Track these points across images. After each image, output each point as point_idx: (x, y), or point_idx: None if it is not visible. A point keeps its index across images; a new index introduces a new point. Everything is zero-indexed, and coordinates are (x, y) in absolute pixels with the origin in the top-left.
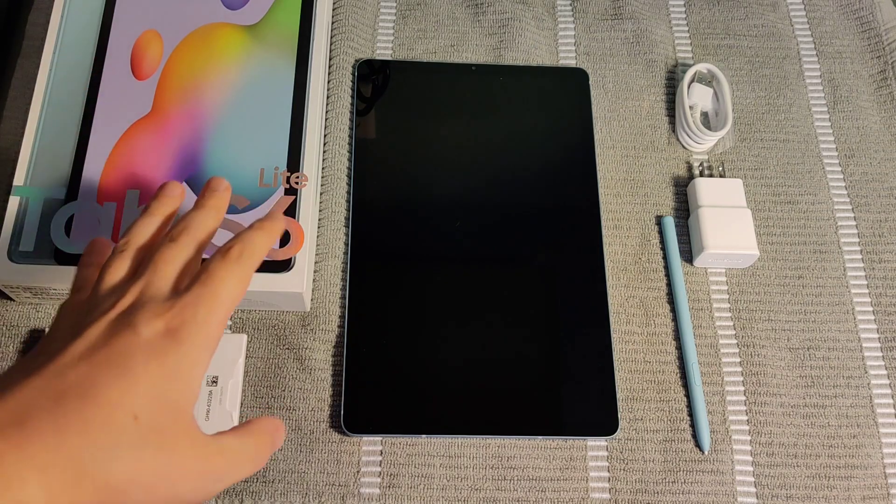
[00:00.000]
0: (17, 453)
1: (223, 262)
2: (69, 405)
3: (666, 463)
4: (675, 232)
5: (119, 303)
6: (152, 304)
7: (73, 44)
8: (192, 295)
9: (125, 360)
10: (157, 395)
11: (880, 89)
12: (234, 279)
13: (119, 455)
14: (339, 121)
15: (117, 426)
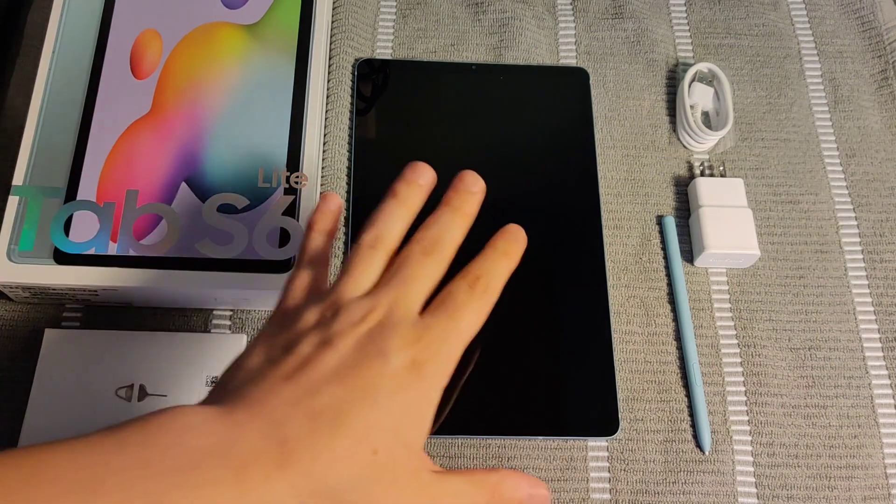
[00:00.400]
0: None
1: (471, 294)
2: (322, 430)
3: (666, 463)
4: (675, 232)
5: (369, 316)
6: (402, 330)
7: (72, 43)
8: (439, 328)
9: (374, 390)
10: (395, 431)
11: (881, 89)
12: (479, 313)
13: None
14: (339, 120)
15: (359, 460)
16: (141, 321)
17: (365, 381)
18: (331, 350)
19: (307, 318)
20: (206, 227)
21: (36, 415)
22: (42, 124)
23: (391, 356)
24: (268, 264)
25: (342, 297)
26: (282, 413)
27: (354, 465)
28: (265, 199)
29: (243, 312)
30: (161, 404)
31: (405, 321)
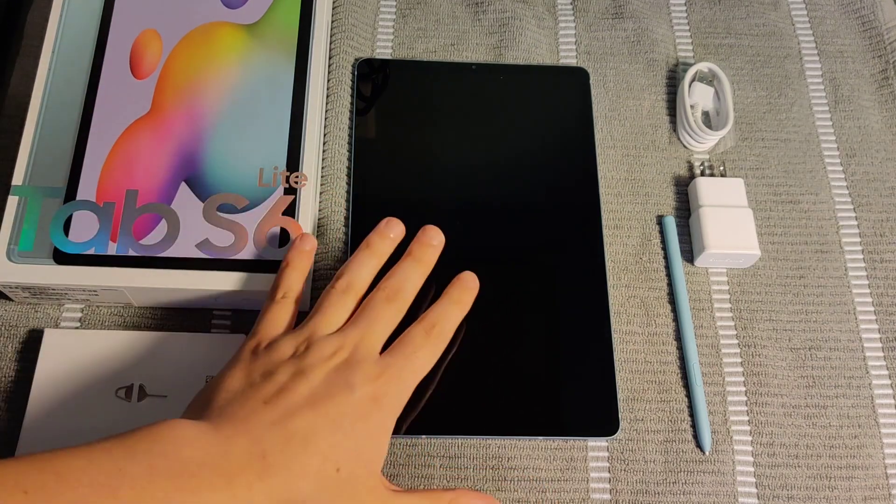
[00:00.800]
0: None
1: (426, 338)
2: (295, 448)
3: (667, 463)
4: (676, 232)
5: (338, 352)
6: (365, 366)
7: (72, 43)
8: (397, 367)
9: (340, 417)
10: (357, 452)
11: (881, 89)
12: (431, 354)
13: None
14: (339, 120)
15: (325, 475)
16: (141, 321)
17: (333, 408)
18: (304, 380)
19: (283, 349)
20: (206, 227)
21: (36, 415)
22: (42, 124)
23: (356, 389)
24: (268, 264)
25: (315, 334)
26: (261, 431)
27: (320, 480)
28: (265, 199)
29: (243, 312)
30: (161, 404)
31: (368, 359)
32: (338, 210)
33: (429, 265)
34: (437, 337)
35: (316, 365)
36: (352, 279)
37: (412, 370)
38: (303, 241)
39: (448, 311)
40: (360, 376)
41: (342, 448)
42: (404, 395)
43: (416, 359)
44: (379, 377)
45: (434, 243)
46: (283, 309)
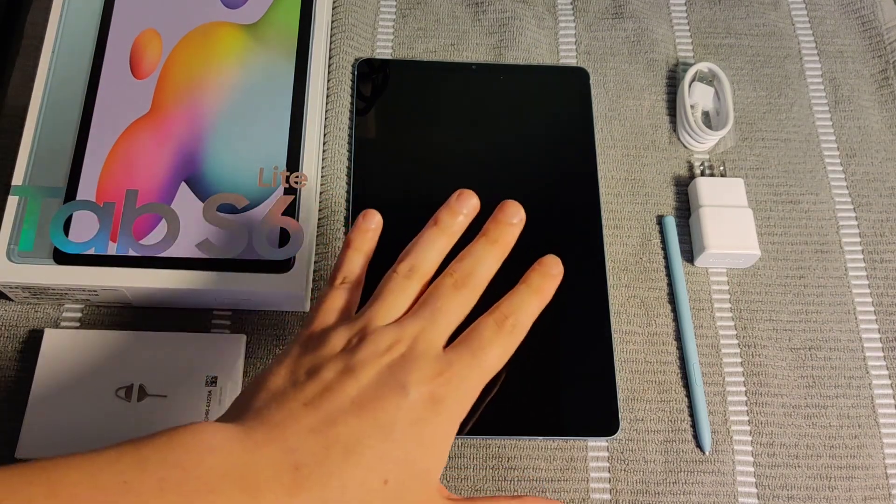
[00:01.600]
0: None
1: (498, 332)
2: (335, 459)
3: (667, 463)
4: (676, 232)
5: (394, 347)
6: (424, 363)
7: (72, 43)
8: (461, 364)
9: (390, 422)
10: (409, 462)
11: (881, 89)
12: (504, 351)
13: None
14: (339, 120)
15: (369, 489)
16: (141, 321)
17: (382, 413)
18: (353, 379)
19: (334, 342)
20: (206, 227)
21: (36, 415)
22: (42, 124)
23: (410, 390)
24: (268, 264)
25: (370, 325)
26: (298, 439)
27: (364, 494)
28: (265, 199)
29: (243, 312)
30: (161, 404)
31: (428, 355)
32: (338, 210)
33: (506, 247)
34: (511, 331)
35: (368, 361)
36: (416, 261)
37: (480, 369)
38: (366, 218)
39: (525, 302)
40: (416, 375)
41: (391, 458)
42: (469, 397)
43: (484, 355)
44: (439, 376)
45: (514, 221)
46: (341, 295)
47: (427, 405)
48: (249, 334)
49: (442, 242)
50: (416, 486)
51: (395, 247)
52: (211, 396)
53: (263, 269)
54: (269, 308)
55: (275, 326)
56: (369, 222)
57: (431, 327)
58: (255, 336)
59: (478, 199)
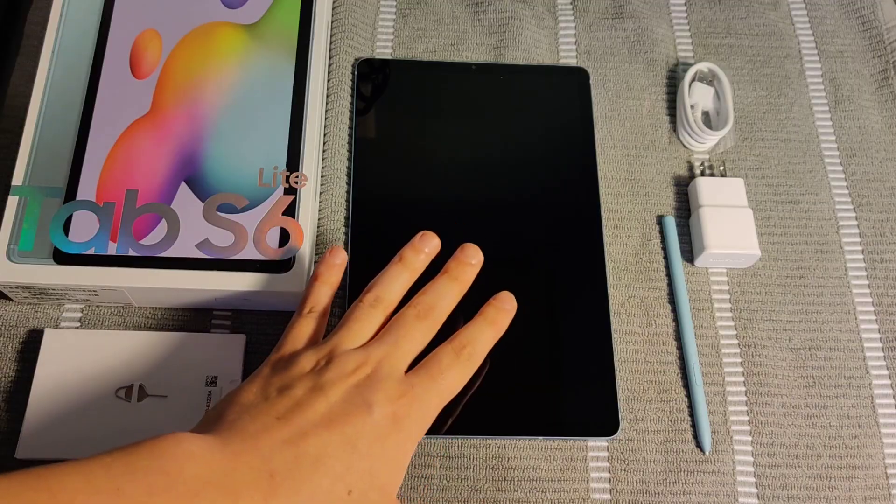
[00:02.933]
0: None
1: (455, 360)
2: (305, 468)
3: (667, 464)
4: (676, 232)
5: (360, 369)
6: (387, 385)
7: (72, 43)
8: (422, 387)
9: (356, 437)
10: (371, 474)
11: (881, 89)
12: (460, 377)
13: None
14: (339, 120)
15: (335, 497)
16: (141, 321)
17: (349, 428)
18: (322, 396)
19: (303, 363)
20: (206, 227)
21: (36, 415)
22: (42, 124)
23: (375, 408)
24: (268, 264)
25: (338, 348)
26: (271, 449)
27: (330, 502)
28: (265, 199)
29: (243, 312)
30: (161, 404)
31: (391, 377)
32: (338, 210)
33: (465, 284)
34: (468, 359)
35: (335, 381)
36: (381, 293)
37: (438, 392)
38: (333, 254)
39: (481, 333)
40: (380, 395)
41: (356, 470)
42: (427, 418)
43: (442, 380)
44: (402, 397)
45: (473, 262)
46: (309, 323)
47: (390, 423)
48: (249, 334)
49: (405, 277)
50: (376, 498)
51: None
52: (211, 396)
53: (263, 269)
54: (269, 308)
55: (275, 326)
56: (335, 258)
57: (395, 352)
58: (255, 336)
59: (438, 240)
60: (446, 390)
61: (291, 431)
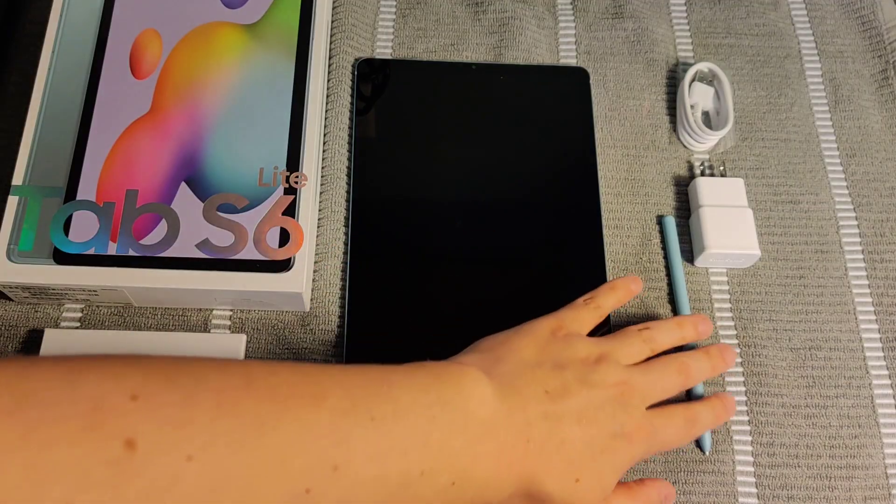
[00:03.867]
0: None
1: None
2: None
3: (667, 464)
4: (676, 232)
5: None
6: (635, 413)
7: (72, 43)
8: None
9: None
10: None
11: (882, 89)
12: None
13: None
14: (339, 120)
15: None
16: (141, 321)
17: (594, 431)
18: (585, 392)
19: (579, 347)
20: (206, 227)
21: None
22: (42, 124)
23: (619, 426)
24: (268, 264)
25: (610, 356)
26: (535, 419)
27: (561, 482)
28: (265, 199)
29: (243, 312)
30: None
31: (639, 408)
32: (338, 210)
33: (717, 370)
34: (690, 431)
35: (599, 385)
36: (655, 335)
37: (661, 441)
38: (636, 283)
39: (709, 418)
40: (627, 418)
41: (587, 466)
42: (646, 454)
43: (669, 432)
44: (639, 429)
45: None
46: (590, 314)
47: (624, 441)
48: (249, 334)
49: (677, 335)
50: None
51: (395, 247)
52: None
53: (263, 269)
54: (269, 308)
55: (275, 326)
56: (636, 285)
57: (650, 388)
58: (255, 336)
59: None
60: (666, 443)
61: (553, 411)
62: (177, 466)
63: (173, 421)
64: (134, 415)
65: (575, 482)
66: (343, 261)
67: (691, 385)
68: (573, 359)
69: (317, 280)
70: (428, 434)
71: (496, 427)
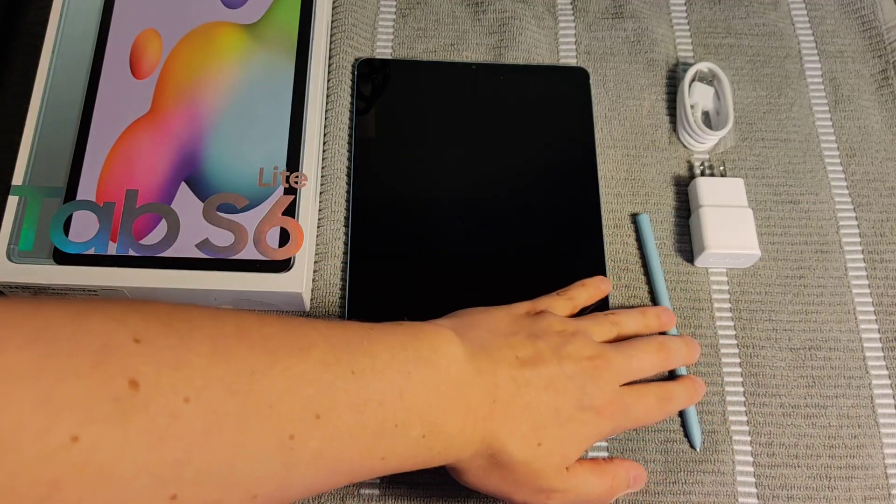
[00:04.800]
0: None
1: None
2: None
3: (667, 464)
4: (650, 228)
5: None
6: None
7: (72, 43)
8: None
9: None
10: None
11: (881, 89)
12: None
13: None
14: (339, 120)
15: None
16: None
17: (561, 400)
18: (556, 362)
19: (554, 324)
20: (206, 227)
21: None
22: (42, 124)
23: (588, 398)
24: (268, 264)
25: (584, 332)
26: (502, 381)
27: (522, 444)
28: (265, 199)
29: None
30: None
31: (610, 383)
32: (338, 210)
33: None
34: (663, 408)
35: (571, 357)
36: (620, 320)
37: (634, 417)
38: (605, 283)
39: (683, 396)
40: (597, 391)
41: (550, 432)
42: (617, 428)
43: (640, 409)
44: (609, 403)
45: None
46: (564, 303)
47: (593, 415)
48: None
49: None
50: (558, 458)
51: (394, 247)
52: None
53: (263, 269)
54: (269, 308)
55: None
56: (605, 286)
57: (625, 364)
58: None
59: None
60: (639, 419)
61: (521, 375)
62: (175, 406)
63: (172, 363)
64: (137, 356)
65: (537, 445)
66: (343, 261)
67: (670, 366)
68: (548, 331)
69: (317, 280)
70: (403, 388)
71: (465, 386)
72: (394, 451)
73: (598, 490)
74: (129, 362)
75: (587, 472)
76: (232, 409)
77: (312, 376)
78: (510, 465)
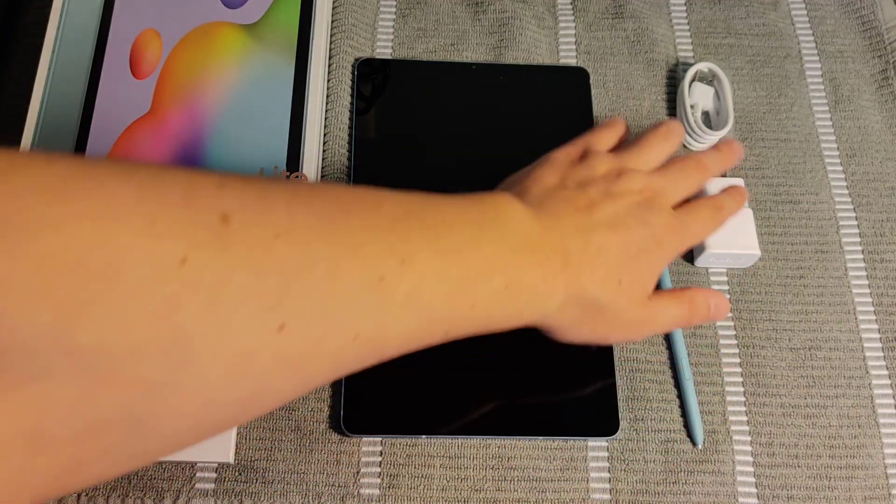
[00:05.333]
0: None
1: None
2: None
3: (667, 463)
4: None
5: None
6: (661, 213)
7: (72, 43)
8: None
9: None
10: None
11: (881, 89)
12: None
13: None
14: (339, 120)
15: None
16: None
17: (627, 235)
18: (611, 203)
19: (599, 167)
20: None
21: None
22: (42, 124)
23: (649, 227)
24: None
25: (628, 165)
26: (569, 232)
27: (604, 286)
28: None
29: None
30: None
31: (664, 209)
32: None
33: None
34: (717, 218)
35: (623, 195)
36: (673, 129)
37: (694, 233)
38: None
39: (732, 205)
40: (655, 219)
41: (626, 268)
42: (679, 249)
43: (698, 225)
44: (668, 227)
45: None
46: (609, 134)
47: (656, 242)
48: None
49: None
50: (638, 290)
51: None
52: None
53: None
54: None
55: None
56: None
57: (672, 189)
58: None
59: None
60: (697, 235)
61: (585, 223)
62: (268, 240)
63: (256, 206)
64: (223, 197)
65: (618, 284)
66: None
67: (709, 178)
68: (594, 177)
69: None
70: (477, 241)
71: (535, 242)
72: (481, 300)
73: (679, 316)
74: (216, 201)
75: (666, 300)
76: (321, 248)
77: (388, 226)
78: (598, 308)
